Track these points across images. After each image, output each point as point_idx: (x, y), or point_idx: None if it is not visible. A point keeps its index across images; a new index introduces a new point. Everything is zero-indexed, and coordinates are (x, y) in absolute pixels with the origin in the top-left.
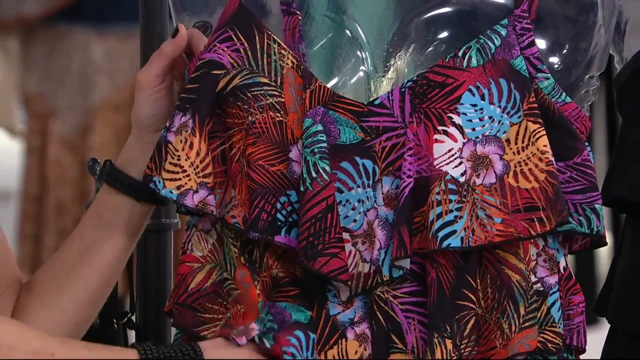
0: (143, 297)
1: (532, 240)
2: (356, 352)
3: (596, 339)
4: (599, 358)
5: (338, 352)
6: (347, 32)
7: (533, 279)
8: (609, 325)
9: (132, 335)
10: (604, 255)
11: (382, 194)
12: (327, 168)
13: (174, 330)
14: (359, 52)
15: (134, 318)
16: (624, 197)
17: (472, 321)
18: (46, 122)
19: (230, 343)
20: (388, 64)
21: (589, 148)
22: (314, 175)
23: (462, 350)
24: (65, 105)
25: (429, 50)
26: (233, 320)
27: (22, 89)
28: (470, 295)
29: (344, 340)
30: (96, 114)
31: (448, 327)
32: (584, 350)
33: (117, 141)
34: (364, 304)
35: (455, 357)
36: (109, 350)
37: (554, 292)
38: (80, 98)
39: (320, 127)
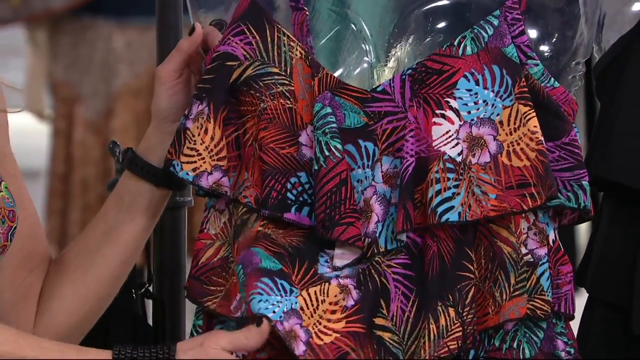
0: (159, 269)
1: (523, 215)
2: (335, 296)
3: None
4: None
5: (320, 290)
6: (352, 25)
7: (523, 250)
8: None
9: (149, 304)
10: (583, 229)
11: (382, 172)
12: (339, 146)
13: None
14: (362, 44)
15: (151, 288)
16: (602, 176)
17: (473, 290)
18: (72, 106)
19: (206, 343)
20: (389, 54)
21: (576, 129)
22: (326, 153)
23: (465, 318)
24: (89, 91)
25: (427, 40)
26: (229, 292)
27: (50, 77)
28: (469, 266)
29: (326, 284)
30: (117, 99)
31: (450, 296)
32: (572, 317)
33: (137, 124)
34: (352, 269)
35: (458, 324)
36: (82, 351)
37: (543, 263)
38: (103, 84)
39: (329, 110)
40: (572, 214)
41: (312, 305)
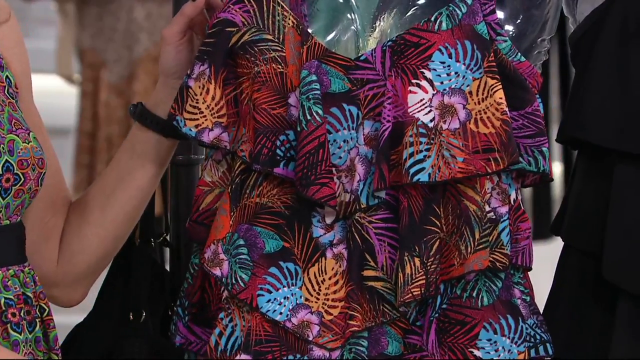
0: (175, 220)
1: (488, 177)
2: (332, 269)
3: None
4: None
5: (318, 269)
6: None
7: (487, 208)
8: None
9: (166, 252)
10: (557, 181)
11: (363, 135)
12: (320, 111)
13: None
14: (349, 15)
15: (168, 238)
16: (576, 136)
17: (437, 243)
18: (98, 71)
19: None
20: (374, 25)
21: (539, 100)
22: (308, 117)
23: (428, 267)
24: (113, 57)
25: (408, 14)
26: (207, 238)
27: (78, 44)
28: (436, 221)
29: (323, 259)
30: (139, 64)
31: (417, 248)
32: (530, 269)
33: None
34: (343, 229)
35: (422, 273)
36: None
37: (504, 220)
38: (126, 51)
39: (314, 77)
40: (534, 176)
41: (315, 289)
